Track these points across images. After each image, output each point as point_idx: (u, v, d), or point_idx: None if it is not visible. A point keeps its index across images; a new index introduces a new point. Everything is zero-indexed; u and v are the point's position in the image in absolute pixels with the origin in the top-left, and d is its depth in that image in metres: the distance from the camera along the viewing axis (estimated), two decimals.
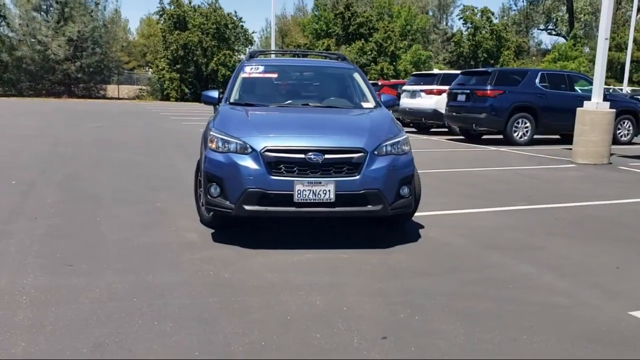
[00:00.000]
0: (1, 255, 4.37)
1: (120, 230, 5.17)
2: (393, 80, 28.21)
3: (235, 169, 4.55)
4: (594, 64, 42.78)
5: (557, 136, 15.26)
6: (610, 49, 50.42)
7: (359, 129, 4.95)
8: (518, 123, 13.80)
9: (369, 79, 38.18)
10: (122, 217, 5.67)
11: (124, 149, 11.38)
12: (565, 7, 62.11)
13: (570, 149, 12.00)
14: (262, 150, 4.51)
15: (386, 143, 4.74)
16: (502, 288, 3.90)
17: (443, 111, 15.42)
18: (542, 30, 65.70)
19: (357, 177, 4.55)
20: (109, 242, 4.80)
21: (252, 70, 6.11)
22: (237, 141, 4.65)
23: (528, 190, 7.72)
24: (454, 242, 5.01)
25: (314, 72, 6.48)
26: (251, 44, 43.95)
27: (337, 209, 4.57)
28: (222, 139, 4.72)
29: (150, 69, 54.72)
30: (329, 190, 4.49)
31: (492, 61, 44.79)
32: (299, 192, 4.47)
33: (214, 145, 4.75)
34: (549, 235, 5.34)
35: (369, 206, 4.62)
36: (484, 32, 43.98)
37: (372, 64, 39.64)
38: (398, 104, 16.87)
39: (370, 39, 40.65)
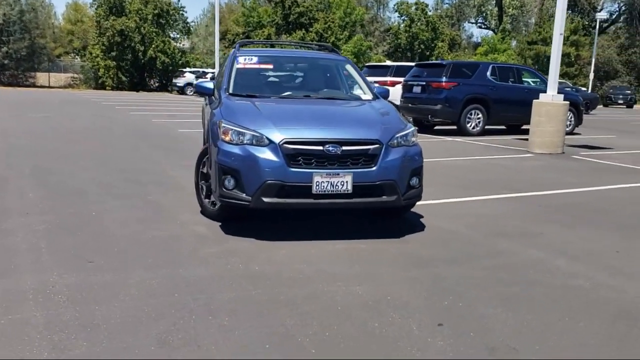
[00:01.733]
0: (13, 253, 4.17)
1: (124, 225, 5.03)
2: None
3: (253, 161, 4.52)
4: (521, 57, 44.33)
5: (503, 127, 15.92)
6: (536, 43, 53.04)
7: (372, 120, 5.03)
8: (471, 114, 14.28)
9: None
10: (118, 212, 5.50)
11: (84, 140, 10.95)
12: (495, 1, 64.42)
13: (522, 139, 12.61)
14: (281, 142, 4.50)
15: (398, 135, 4.84)
16: (524, 273, 4.09)
17: (397, 102, 15.69)
18: (472, 23, 67.96)
19: (374, 168, 4.62)
20: (118, 237, 4.66)
21: (247, 61, 6.06)
22: (253, 133, 4.61)
23: (502, 179, 8.07)
24: (459, 231, 5.19)
25: (308, 64, 6.48)
26: (189, 32, 42.97)
27: (354, 200, 4.64)
28: (236, 131, 4.67)
29: (78, 56, 52.60)
30: (347, 182, 4.55)
31: (428, 53, 45.92)
32: (318, 183, 4.50)
33: (227, 138, 4.69)
34: (541, 221, 5.62)
35: (384, 197, 4.71)
36: (419, 24, 44.97)
37: None
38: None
39: (311, 29, 40.71)
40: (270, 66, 6.17)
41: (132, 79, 38.91)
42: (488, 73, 14.64)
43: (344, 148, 4.56)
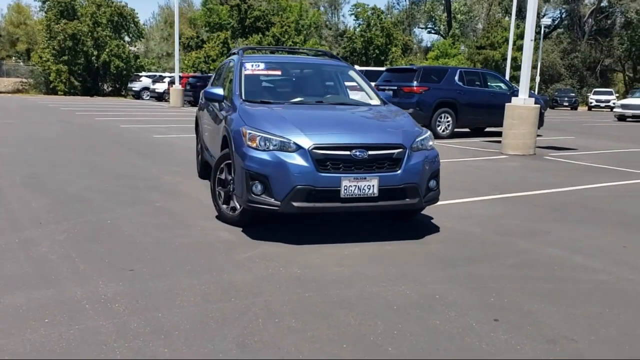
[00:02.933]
0: (47, 263, 4.10)
1: (145, 232, 5.00)
2: None
3: (283, 167, 4.59)
4: (471, 61, 45.86)
5: (467, 129, 16.45)
6: (484, 48, 54.61)
7: (393, 125, 5.19)
8: (441, 117, 14.69)
9: None
10: (132, 219, 5.45)
11: (62, 147, 10.69)
12: (443, 7, 66.03)
13: (491, 141, 13.05)
14: (311, 148, 4.60)
15: (418, 139, 5.01)
16: (550, 270, 4.32)
17: None
18: (422, 28, 69.38)
19: (399, 172, 4.77)
20: (145, 245, 4.64)
21: (254, 67, 6.11)
22: (280, 139, 4.69)
23: (489, 180, 8.37)
24: (471, 231, 5.39)
25: (313, 70, 6.59)
26: (142, 36, 42.20)
27: (379, 203, 4.78)
28: (263, 137, 4.73)
29: (21, 60, 50.99)
30: (373, 185, 4.68)
31: (383, 57, 46.63)
32: (346, 187, 4.61)
33: (254, 144, 4.74)
34: (544, 221, 5.90)
35: (407, 199, 4.87)
36: (374, 29, 45.66)
37: None
38: None
39: (268, 32, 40.71)
40: (278, 72, 6.25)
41: (85, 84, 37.91)
42: (456, 78, 15.10)
43: (370, 152, 4.69)
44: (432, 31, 68.15)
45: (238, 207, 5.16)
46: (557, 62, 59.16)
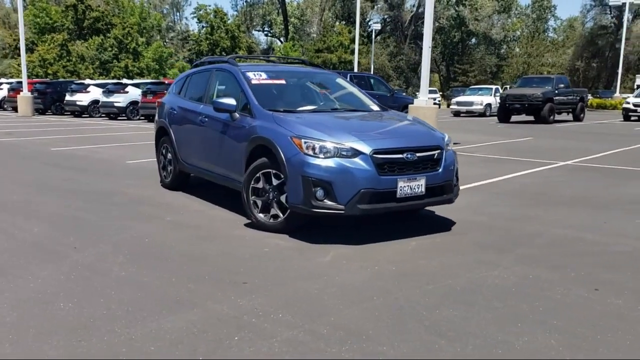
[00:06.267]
0: (149, 286, 3.93)
1: (197, 246, 4.91)
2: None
3: (347, 172, 4.83)
4: (310, 64, 48.49)
5: None
6: (322, 51, 57.10)
7: (424, 129, 5.66)
8: None
9: (113, 77, 36.36)
10: (165, 234, 5.29)
11: None
12: (278, 10, 67.72)
13: None
14: (372, 153, 4.90)
15: (445, 140, 5.55)
16: (578, 246, 5.09)
17: None
18: (259, 31, 70.50)
19: (440, 170, 5.27)
20: (214, 257, 4.58)
21: (258, 77, 6.17)
22: (338, 146, 4.91)
23: None
24: (480, 220, 6.01)
25: (309, 78, 6.76)
26: None
27: (425, 200, 5.23)
28: (320, 145, 4.91)
29: None
30: (421, 185, 5.12)
31: None
32: (401, 188, 5.00)
33: (312, 152, 4.91)
34: (518, 206, 6.77)
35: (445, 195, 5.39)
36: (219, 32, 45.48)
37: (115, 60, 37.67)
38: None
39: (109, 34, 38.53)
40: (283, 81, 6.35)
41: None
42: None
43: (418, 155, 5.12)
44: (269, 34, 69.60)
45: (281, 215, 5.26)
46: (385, 64, 63.84)
